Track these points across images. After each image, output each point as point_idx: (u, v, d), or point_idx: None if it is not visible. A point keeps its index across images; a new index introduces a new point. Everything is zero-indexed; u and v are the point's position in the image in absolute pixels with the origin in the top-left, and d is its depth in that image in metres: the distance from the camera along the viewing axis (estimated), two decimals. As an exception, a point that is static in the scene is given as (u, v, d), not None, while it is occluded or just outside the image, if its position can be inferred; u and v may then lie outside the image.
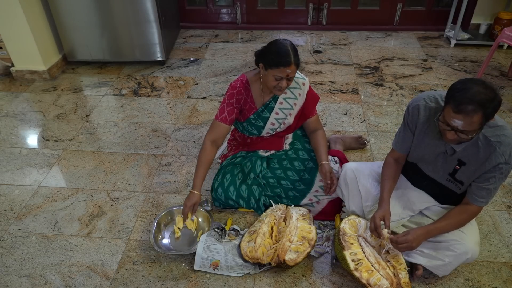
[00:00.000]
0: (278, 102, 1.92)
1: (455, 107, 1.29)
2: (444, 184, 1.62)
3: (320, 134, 2.01)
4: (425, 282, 1.69)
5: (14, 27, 2.95)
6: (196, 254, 1.75)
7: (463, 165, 1.51)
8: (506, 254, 1.82)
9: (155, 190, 2.19)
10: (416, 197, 1.73)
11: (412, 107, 1.58)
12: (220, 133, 1.90)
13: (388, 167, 1.73)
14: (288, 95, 1.91)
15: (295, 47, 1.74)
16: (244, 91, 1.89)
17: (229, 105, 1.88)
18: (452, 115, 1.31)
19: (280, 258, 1.65)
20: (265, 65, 1.73)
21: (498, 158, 1.41)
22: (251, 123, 1.96)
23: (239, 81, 1.89)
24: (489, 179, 1.46)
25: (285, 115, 1.94)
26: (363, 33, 3.90)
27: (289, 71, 1.69)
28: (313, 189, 1.96)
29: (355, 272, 1.57)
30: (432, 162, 1.61)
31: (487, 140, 1.42)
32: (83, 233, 1.95)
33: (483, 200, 1.51)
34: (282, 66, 1.68)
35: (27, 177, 2.29)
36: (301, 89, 1.92)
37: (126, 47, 3.29)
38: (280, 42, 1.72)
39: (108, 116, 2.80)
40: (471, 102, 1.26)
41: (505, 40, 2.84)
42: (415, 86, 3.05)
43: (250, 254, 1.70)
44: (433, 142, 1.55)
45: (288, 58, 1.67)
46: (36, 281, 1.74)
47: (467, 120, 1.29)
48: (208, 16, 4.02)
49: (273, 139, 2.06)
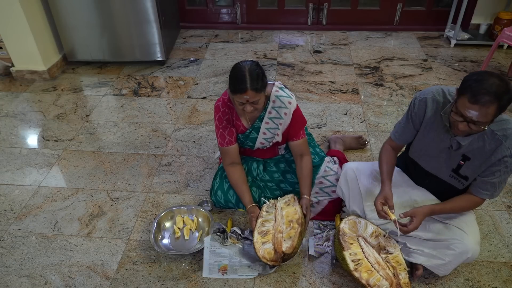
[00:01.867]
0: (264, 122, 1.83)
1: (472, 97, 1.29)
2: (447, 180, 1.62)
3: (305, 162, 1.89)
4: (425, 282, 1.69)
5: (14, 27, 2.95)
6: (204, 260, 1.75)
7: (467, 160, 1.51)
8: (506, 254, 1.82)
9: (155, 190, 2.19)
10: (418, 195, 1.73)
11: (420, 99, 1.56)
12: (235, 154, 1.90)
13: (386, 152, 1.74)
14: (273, 114, 1.82)
15: (258, 70, 1.62)
16: (229, 110, 1.83)
17: (224, 128, 1.84)
18: (468, 105, 1.30)
19: (278, 252, 1.65)
20: (229, 90, 1.68)
21: (504, 151, 1.41)
22: (241, 141, 1.93)
23: (221, 100, 1.83)
24: (494, 173, 1.47)
25: (272, 135, 1.88)
26: (363, 33, 3.90)
27: (246, 97, 1.60)
28: (313, 190, 1.96)
29: (355, 272, 1.57)
30: (435, 157, 1.60)
31: (493, 134, 1.42)
32: (83, 233, 1.95)
33: (487, 193, 1.52)
34: (238, 93, 1.60)
35: (27, 177, 2.29)
36: (287, 108, 1.80)
37: (126, 47, 3.29)
38: (238, 67, 1.63)
39: (108, 116, 2.80)
40: (487, 93, 1.26)
41: (505, 40, 2.84)
42: (415, 86, 3.05)
43: (269, 256, 1.67)
44: (439, 136, 1.55)
45: (242, 85, 1.58)
46: (36, 281, 1.74)
47: (482, 111, 1.28)
48: (208, 16, 4.02)
49: (268, 149, 2.02)
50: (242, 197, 1.87)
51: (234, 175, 1.88)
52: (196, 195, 2.15)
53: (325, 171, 2.01)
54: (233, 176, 1.89)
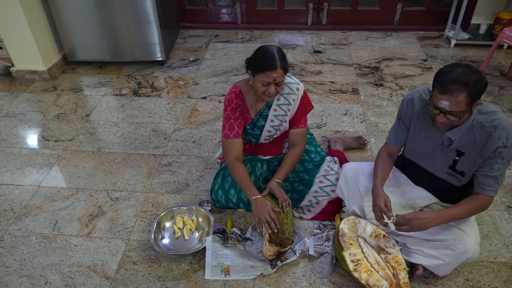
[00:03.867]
0: (272, 109, 1.87)
1: (441, 88, 1.34)
2: (444, 178, 1.62)
3: (295, 150, 1.91)
4: (425, 282, 1.69)
5: (14, 27, 2.95)
6: (206, 263, 1.75)
7: (462, 155, 1.52)
8: (506, 254, 1.82)
9: (155, 190, 2.19)
10: (416, 195, 1.74)
11: (407, 100, 1.60)
12: (239, 148, 1.86)
13: (381, 158, 1.75)
14: (281, 101, 1.87)
15: (283, 52, 1.70)
16: (241, 102, 1.86)
17: (236, 119, 1.85)
18: (439, 96, 1.36)
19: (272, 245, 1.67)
20: (252, 71, 1.71)
21: (496, 142, 1.42)
22: (248, 132, 1.94)
23: (233, 93, 1.85)
24: (492, 166, 1.46)
25: (280, 122, 1.90)
26: (363, 33, 3.90)
27: (275, 75, 1.64)
28: (312, 189, 1.96)
29: (355, 272, 1.57)
30: (431, 155, 1.61)
31: (482, 126, 1.43)
32: (83, 233, 1.95)
33: (492, 188, 1.51)
34: (267, 71, 1.64)
35: (27, 177, 2.29)
36: (295, 94, 1.86)
37: (126, 47, 3.29)
38: (266, 48, 1.70)
39: (108, 116, 2.80)
40: (455, 82, 1.31)
41: (505, 40, 2.84)
42: (415, 86, 3.05)
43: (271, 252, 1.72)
44: (430, 134, 1.56)
45: (273, 62, 1.63)
46: (36, 281, 1.74)
47: (452, 100, 1.33)
48: (208, 16, 4.02)
49: (272, 145, 2.04)
50: (248, 189, 1.78)
51: (238, 171, 1.83)
52: (196, 195, 2.15)
53: (326, 170, 2.01)
54: (237, 171, 1.83)
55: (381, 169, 1.70)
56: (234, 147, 1.86)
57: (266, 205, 1.70)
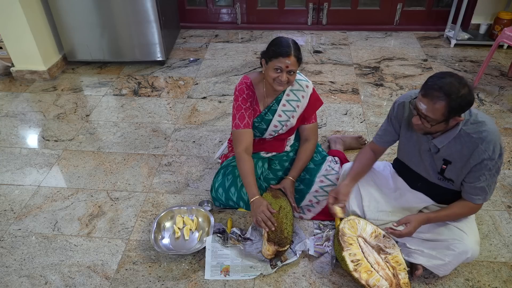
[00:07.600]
0: (281, 104, 1.89)
1: (424, 91, 1.36)
2: (437, 183, 1.63)
3: (307, 145, 1.97)
4: (425, 282, 1.69)
5: (14, 27, 2.95)
6: (206, 263, 1.75)
7: (449, 164, 1.52)
8: (506, 254, 1.82)
9: (155, 190, 2.19)
10: (413, 198, 1.74)
11: (398, 104, 1.61)
12: (249, 139, 1.86)
13: (363, 153, 1.80)
14: (291, 97, 1.89)
15: (298, 44, 1.74)
16: (252, 93, 1.88)
17: (247, 109, 1.85)
18: (420, 98, 1.37)
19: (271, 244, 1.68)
20: (266, 59, 1.74)
21: (481, 154, 1.41)
22: (255, 126, 1.95)
23: (244, 84, 1.87)
24: (479, 177, 1.47)
25: (287, 117, 1.92)
26: (363, 33, 3.90)
27: (288, 62, 1.67)
28: (313, 189, 1.96)
29: (354, 272, 1.57)
30: (421, 160, 1.62)
31: (469, 136, 1.43)
32: (83, 233, 1.95)
33: (479, 197, 1.52)
34: (281, 56, 1.67)
35: (27, 177, 2.29)
36: (305, 91, 1.90)
37: (126, 47, 3.29)
38: (282, 37, 1.75)
39: (108, 116, 2.80)
40: (439, 89, 1.31)
41: (505, 40, 2.84)
42: (415, 86, 3.05)
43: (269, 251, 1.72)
44: (419, 139, 1.57)
45: (288, 48, 1.67)
46: (36, 281, 1.74)
47: (430, 105, 1.33)
48: (208, 16, 4.02)
49: (275, 142, 2.04)
50: (249, 187, 1.80)
51: (245, 164, 1.81)
52: (196, 195, 2.15)
53: (327, 170, 2.01)
54: (244, 164, 1.81)
55: (359, 163, 1.76)
56: (244, 137, 1.85)
57: (262, 204, 1.72)
